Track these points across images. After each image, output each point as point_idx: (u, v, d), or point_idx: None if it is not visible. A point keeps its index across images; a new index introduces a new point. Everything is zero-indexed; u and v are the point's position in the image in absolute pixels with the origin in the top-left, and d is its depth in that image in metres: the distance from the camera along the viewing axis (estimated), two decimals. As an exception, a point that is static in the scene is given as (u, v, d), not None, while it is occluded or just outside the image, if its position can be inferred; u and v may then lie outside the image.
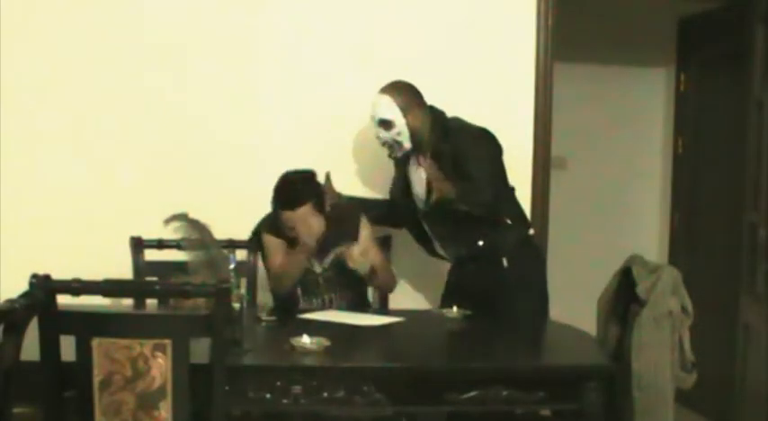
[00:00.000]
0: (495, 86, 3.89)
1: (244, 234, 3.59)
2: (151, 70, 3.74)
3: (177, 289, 2.48)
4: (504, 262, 3.42)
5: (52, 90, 3.69)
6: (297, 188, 3.30)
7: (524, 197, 3.93)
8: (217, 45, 3.77)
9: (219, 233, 3.01)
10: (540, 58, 3.90)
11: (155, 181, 3.72)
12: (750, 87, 4.24)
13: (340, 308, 3.41)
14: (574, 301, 4.49)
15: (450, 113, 3.87)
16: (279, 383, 2.45)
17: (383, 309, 3.63)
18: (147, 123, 3.73)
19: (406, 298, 3.80)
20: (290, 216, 3.30)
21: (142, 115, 3.73)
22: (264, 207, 3.70)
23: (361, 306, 3.48)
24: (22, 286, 2.20)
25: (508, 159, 3.89)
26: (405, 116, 3.40)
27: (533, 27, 3.90)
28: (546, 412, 2.99)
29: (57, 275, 2.23)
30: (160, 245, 3.42)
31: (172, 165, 3.73)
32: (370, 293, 3.74)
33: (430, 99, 3.86)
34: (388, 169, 3.85)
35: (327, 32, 3.84)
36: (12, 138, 3.63)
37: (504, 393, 2.53)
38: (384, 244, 3.74)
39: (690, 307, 2.82)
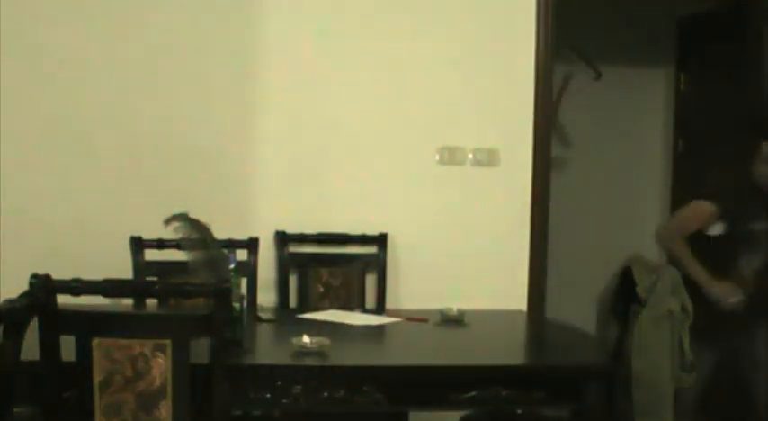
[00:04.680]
0: (495, 86, 3.89)
1: (244, 234, 3.59)
2: (151, 70, 3.73)
3: (177, 289, 2.48)
4: None
5: (52, 90, 3.69)
6: None
7: (524, 197, 3.94)
8: (218, 46, 3.77)
9: (219, 233, 3.01)
10: (540, 57, 3.90)
11: (155, 181, 3.71)
12: (760, 86, 4.25)
13: None
14: (574, 301, 4.51)
15: (449, 113, 3.88)
16: (279, 383, 2.45)
17: (381, 308, 3.64)
18: (147, 123, 3.73)
19: (406, 298, 3.80)
20: None
21: (142, 115, 3.72)
22: (264, 207, 3.72)
23: None
24: (22, 286, 2.20)
25: (508, 160, 3.90)
26: None
27: (533, 27, 3.90)
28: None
29: (57, 275, 2.23)
30: (160, 245, 3.42)
31: (172, 165, 3.73)
32: (370, 293, 3.76)
33: (430, 99, 3.87)
34: (388, 171, 3.85)
35: (326, 32, 3.84)
36: (12, 138, 3.63)
37: (504, 393, 2.53)
38: (380, 242, 3.76)
39: (689, 307, 2.82)
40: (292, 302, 3.73)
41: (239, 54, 3.79)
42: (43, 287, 2.19)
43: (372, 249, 3.78)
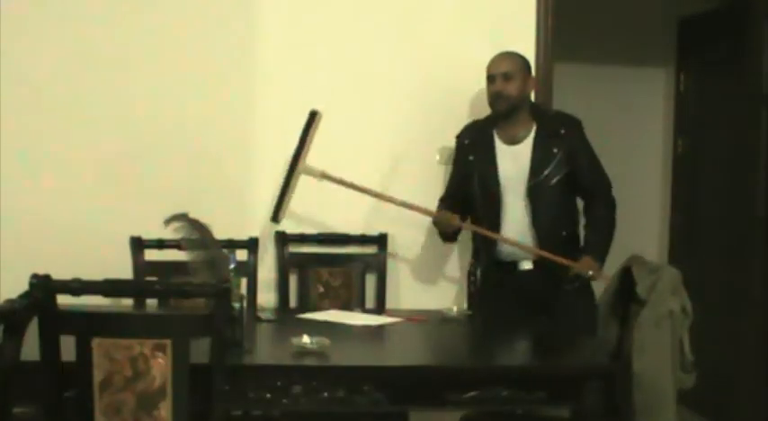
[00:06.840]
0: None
1: (244, 234, 3.59)
2: (151, 71, 3.74)
3: (177, 289, 2.48)
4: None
5: (52, 89, 3.69)
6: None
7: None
8: (218, 47, 3.77)
9: (219, 233, 3.01)
10: (540, 58, 3.90)
11: (154, 181, 3.71)
12: (758, 85, 4.24)
13: None
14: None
15: (450, 113, 3.88)
16: (279, 383, 2.45)
17: (381, 308, 3.64)
18: (147, 122, 3.73)
19: (406, 298, 3.80)
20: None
21: (143, 115, 3.73)
22: (264, 207, 3.71)
23: None
24: (22, 286, 2.20)
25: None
26: (522, 76, 3.52)
27: (533, 27, 3.90)
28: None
29: (57, 275, 2.23)
30: (160, 245, 3.42)
31: (172, 165, 3.73)
32: (370, 293, 3.75)
33: (431, 98, 3.87)
34: (388, 171, 3.85)
35: (328, 33, 3.84)
36: (11, 138, 3.63)
37: (504, 393, 2.52)
38: (380, 242, 3.76)
39: (689, 307, 2.81)
40: (292, 302, 3.73)
41: (240, 55, 3.79)
42: (43, 287, 2.19)
43: (372, 249, 3.79)
